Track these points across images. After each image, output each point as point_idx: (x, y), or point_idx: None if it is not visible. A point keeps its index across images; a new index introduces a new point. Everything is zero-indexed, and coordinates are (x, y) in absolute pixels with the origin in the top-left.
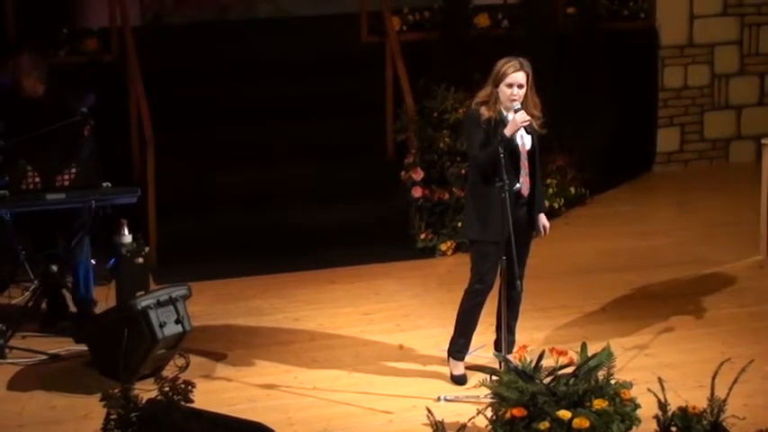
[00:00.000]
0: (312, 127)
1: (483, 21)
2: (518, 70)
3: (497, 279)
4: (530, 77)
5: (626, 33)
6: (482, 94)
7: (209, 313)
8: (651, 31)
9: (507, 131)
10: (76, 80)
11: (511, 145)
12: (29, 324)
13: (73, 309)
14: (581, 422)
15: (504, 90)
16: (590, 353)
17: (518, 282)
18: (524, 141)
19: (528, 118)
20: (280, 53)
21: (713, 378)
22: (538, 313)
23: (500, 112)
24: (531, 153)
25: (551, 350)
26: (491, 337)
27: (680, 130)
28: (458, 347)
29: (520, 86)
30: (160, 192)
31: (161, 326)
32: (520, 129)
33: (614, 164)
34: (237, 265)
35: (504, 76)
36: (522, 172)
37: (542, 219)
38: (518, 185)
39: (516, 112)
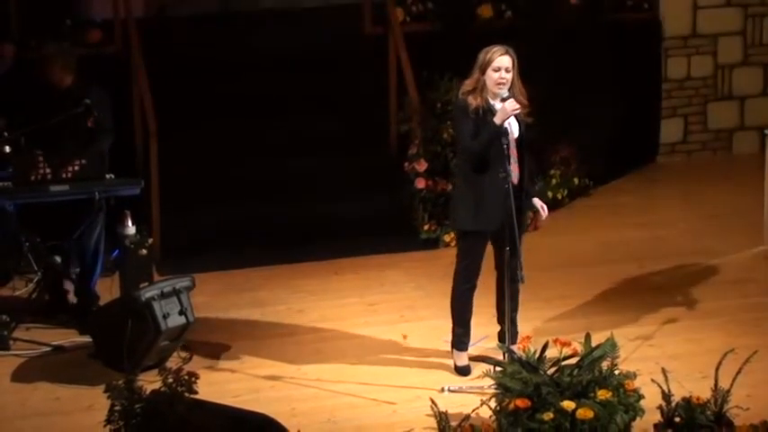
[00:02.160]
0: (315, 118)
1: (486, 12)
2: (504, 54)
3: (483, 269)
4: (515, 64)
5: (629, 24)
6: (468, 83)
7: (212, 304)
8: (655, 21)
9: (497, 120)
10: (80, 72)
11: (502, 133)
12: (32, 315)
13: (73, 300)
14: (585, 413)
15: (491, 75)
16: (594, 343)
17: (520, 273)
18: (512, 129)
19: (517, 106)
20: (283, 44)
21: (717, 369)
22: (541, 304)
23: (487, 101)
24: (518, 141)
25: (555, 341)
26: (495, 328)
27: (683, 120)
28: (458, 338)
29: (507, 70)
30: (163, 183)
31: (165, 317)
32: (510, 117)
33: (618, 155)
34: (241, 256)
35: (491, 61)
36: (510, 160)
37: (537, 201)
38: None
39: (504, 100)
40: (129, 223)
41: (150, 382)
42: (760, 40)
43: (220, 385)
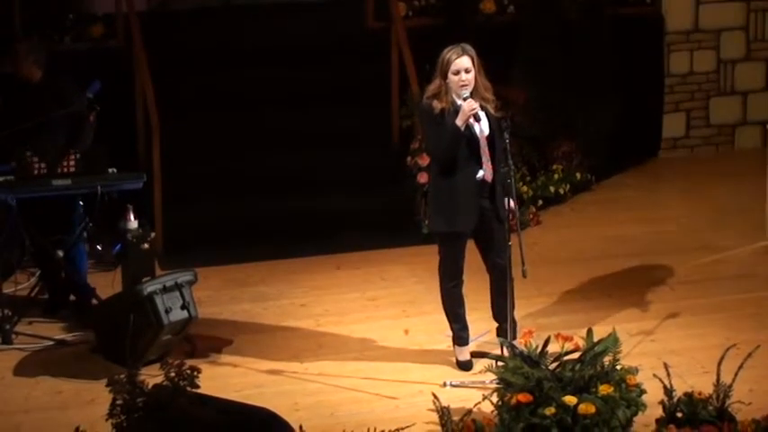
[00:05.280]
0: (317, 113)
1: (489, 6)
2: (461, 56)
3: (467, 265)
4: (475, 61)
5: (632, 19)
6: (432, 88)
7: (215, 299)
8: (657, 16)
9: (458, 121)
10: (82, 66)
11: (463, 135)
12: (35, 310)
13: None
14: (587, 408)
15: (452, 79)
16: (596, 338)
17: (523, 268)
18: (482, 128)
19: (475, 105)
20: (285, 39)
21: (719, 364)
22: (543, 299)
23: (453, 102)
24: (490, 138)
25: (557, 336)
26: (496, 323)
27: (686, 115)
28: (457, 333)
29: (467, 71)
30: (166, 177)
31: (167, 311)
32: (470, 117)
33: (620, 150)
34: (243, 250)
35: (449, 64)
36: (483, 159)
37: (509, 203)
38: (481, 173)
39: (465, 100)
40: (132, 218)
41: (152, 376)
42: (763, 34)
43: (223, 380)
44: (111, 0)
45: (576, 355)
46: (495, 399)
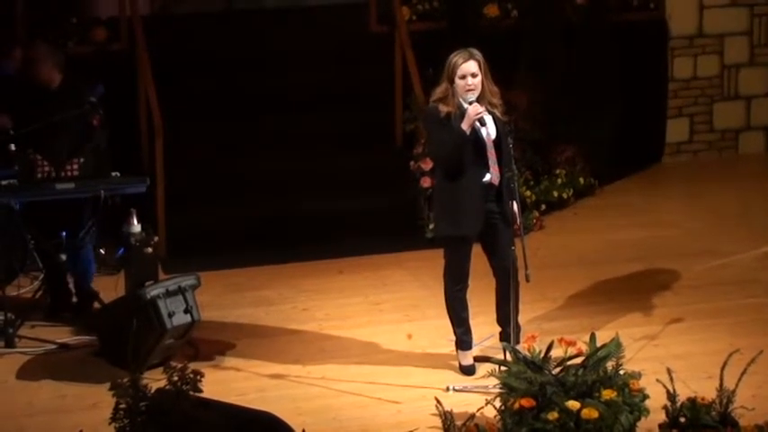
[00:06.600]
0: (320, 117)
1: (492, 11)
2: (468, 60)
3: (471, 271)
4: (482, 66)
5: (635, 24)
6: (438, 91)
7: (217, 303)
8: (661, 21)
9: (464, 125)
10: (86, 70)
11: (469, 139)
12: (38, 313)
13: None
14: (590, 413)
15: (458, 83)
16: (599, 343)
17: (526, 272)
18: (489, 131)
19: (481, 110)
20: (288, 43)
21: (722, 369)
22: (547, 303)
23: (460, 106)
24: (497, 142)
25: (560, 340)
26: (499, 327)
27: (689, 120)
28: (460, 337)
29: (473, 75)
30: (169, 181)
31: (170, 315)
32: (474, 121)
33: (623, 154)
34: (246, 254)
35: (456, 68)
36: (490, 162)
37: (512, 206)
38: (488, 176)
39: (470, 104)
40: (135, 221)
41: (155, 380)
42: (767, 40)
43: (225, 384)
44: (114, 4)
45: (579, 360)
46: (498, 403)
